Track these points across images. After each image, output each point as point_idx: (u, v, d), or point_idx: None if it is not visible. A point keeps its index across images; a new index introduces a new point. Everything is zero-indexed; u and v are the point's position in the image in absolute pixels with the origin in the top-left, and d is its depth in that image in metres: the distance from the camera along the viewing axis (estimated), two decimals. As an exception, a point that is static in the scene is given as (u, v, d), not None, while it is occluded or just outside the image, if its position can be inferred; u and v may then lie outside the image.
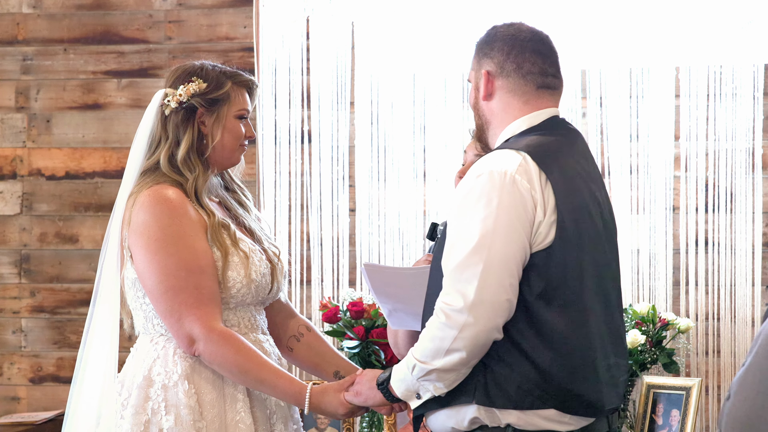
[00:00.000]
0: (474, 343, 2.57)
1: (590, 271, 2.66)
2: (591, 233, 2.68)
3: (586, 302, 2.64)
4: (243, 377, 2.88)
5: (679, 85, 4.71)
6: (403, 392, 2.70)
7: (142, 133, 3.00)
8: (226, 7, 4.98)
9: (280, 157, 4.88)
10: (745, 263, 4.66)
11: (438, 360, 2.59)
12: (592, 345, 2.64)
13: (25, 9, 5.07)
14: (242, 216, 3.06)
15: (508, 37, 2.76)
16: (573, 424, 2.65)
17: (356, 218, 4.85)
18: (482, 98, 2.77)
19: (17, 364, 5.06)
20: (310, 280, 4.86)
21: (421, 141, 4.82)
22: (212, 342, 2.85)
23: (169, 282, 2.85)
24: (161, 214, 2.87)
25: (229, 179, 3.12)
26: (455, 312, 2.56)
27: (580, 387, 2.62)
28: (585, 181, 2.71)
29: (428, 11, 4.79)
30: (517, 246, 2.58)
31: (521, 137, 2.72)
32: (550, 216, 2.61)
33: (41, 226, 5.05)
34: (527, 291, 2.60)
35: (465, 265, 2.57)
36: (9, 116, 5.07)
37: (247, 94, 3.03)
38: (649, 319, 4.36)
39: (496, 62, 2.75)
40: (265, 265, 2.97)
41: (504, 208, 2.58)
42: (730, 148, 4.69)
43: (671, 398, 4.21)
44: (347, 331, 4.45)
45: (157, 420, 2.85)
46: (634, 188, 4.71)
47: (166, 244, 2.85)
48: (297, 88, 4.88)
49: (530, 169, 2.62)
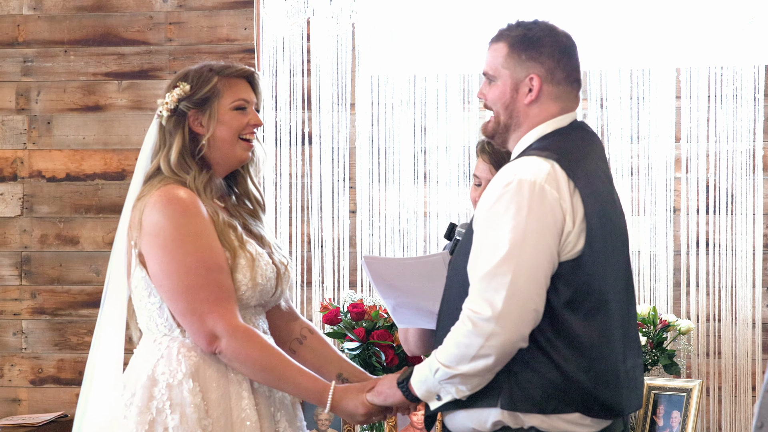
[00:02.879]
0: (501, 352, 2.58)
1: (613, 276, 2.68)
2: (614, 238, 2.70)
3: (610, 308, 2.66)
4: (265, 374, 2.88)
5: (680, 86, 4.70)
6: (424, 393, 2.71)
7: (148, 143, 3.03)
8: (227, 8, 4.98)
9: (281, 159, 4.88)
10: (745, 264, 4.66)
11: (463, 365, 2.61)
12: (615, 350, 2.66)
13: (25, 11, 5.07)
14: (251, 224, 3.05)
15: (555, 42, 2.73)
16: (594, 426, 2.66)
17: (357, 220, 4.85)
18: (526, 102, 2.72)
19: (18, 365, 5.06)
20: (310, 281, 4.86)
21: (421, 142, 4.82)
22: (236, 339, 2.84)
23: (190, 280, 2.84)
24: (174, 213, 2.86)
25: (243, 191, 3.09)
26: (483, 321, 2.57)
27: (604, 392, 2.64)
28: (605, 184, 2.72)
29: (429, 12, 4.79)
30: (546, 256, 2.58)
31: (546, 141, 2.70)
32: (579, 225, 2.61)
33: (42, 228, 5.05)
34: (554, 299, 2.61)
35: (493, 274, 2.57)
36: (9, 118, 5.07)
37: (248, 84, 3.04)
38: (650, 320, 4.36)
39: (547, 68, 2.71)
40: (271, 269, 2.96)
41: (533, 218, 2.58)
42: (731, 149, 4.68)
43: (672, 400, 4.20)
44: (348, 332, 4.44)
45: (162, 419, 2.84)
46: (635, 189, 4.71)
47: (184, 243, 2.85)
48: (297, 90, 4.88)
49: (559, 178, 2.61)
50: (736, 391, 4.65)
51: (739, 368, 4.65)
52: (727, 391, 4.66)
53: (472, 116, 4.79)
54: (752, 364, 4.65)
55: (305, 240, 4.87)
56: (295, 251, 4.86)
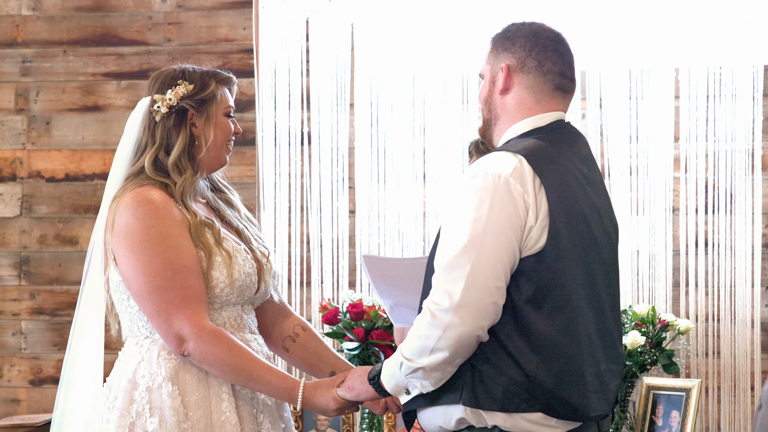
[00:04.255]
0: (458, 344, 2.57)
1: (582, 278, 2.66)
2: (585, 239, 2.67)
3: (575, 308, 2.63)
4: (234, 375, 2.88)
5: (679, 86, 4.71)
6: (393, 387, 2.71)
7: (127, 141, 3.01)
8: (226, 8, 4.98)
9: (280, 159, 4.88)
10: (744, 264, 4.66)
11: (423, 358, 2.60)
12: (581, 351, 2.64)
13: (24, 11, 5.07)
14: (230, 216, 3.06)
15: (531, 33, 2.76)
16: (559, 427, 2.64)
17: (356, 220, 4.85)
18: (499, 92, 2.75)
19: (17, 366, 5.06)
20: (309, 281, 4.86)
21: (420, 142, 4.82)
22: (203, 340, 2.84)
23: (156, 282, 2.84)
24: (144, 215, 2.87)
25: (215, 180, 3.12)
26: (441, 311, 2.57)
27: (566, 392, 2.62)
28: (583, 186, 2.70)
29: (428, 13, 4.79)
30: (506, 249, 2.58)
31: (522, 139, 2.71)
32: (542, 221, 2.61)
33: (41, 228, 5.06)
34: (516, 295, 2.60)
35: (453, 265, 2.57)
36: (8, 118, 5.07)
37: (228, 92, 3.05)
38: (648, 320, 4.36)
39: (518, 57, 2.74)
40: (250, 264, 2.96)
41: (495, 210, 2.58)
42: (730, 149, 4.69)
43: (671, 399, 4.21)
44: (347, 332, 4.45)
45: (141, 422, 2.85)
46: (634, 189, 4.71)
47: (150, 245, 2.85)
48: (297, 90, 4.88)
49: (525, 173, 2.62)
50: (735, 390, 4.66)
51: (738, 368, 4.65)
52: (726, 390, 4.66)
53: (470, 116, 4.79)
54: (751, 364, 4.65)
55: (304, 240, 4.87)
56: (294, 251, 4.86)
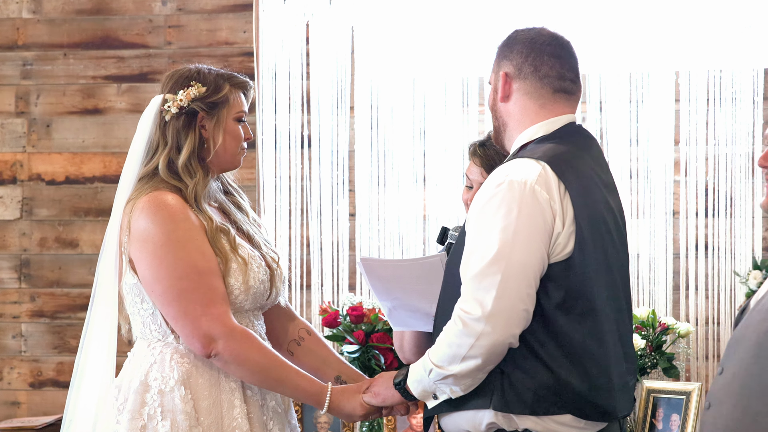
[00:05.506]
0: (490, 352, 2.60)
1: (606, 280, 2.69)
2: (607, 242, 2.71)
3: (602, 311, 2.67)
4: (262, 376, 2.87)
5: (679, 89, 4.71)
6: (420, 392, 2.73)
7: (140, 139, 2.98)
8: (226, 12, 4.99)
9: (280, 162, 4.88)
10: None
11: (454, 366, 2.63)
12: (607, 353, 2.67)
13: (25, 14, 5.07)
14: (241, 221, 3.05)
15: (528, 40, 2.78)
16: (588, 428, 2.68)
17: (356, 223, 4.85)
18: (500, 100, 2.78)
19: (17, 368, 5.06)
20: (310, 284, 4.86)
21: (420, 145, 4.83)
22: (234, 339, 2.83)
23: (182, 285, 2.83)
24: (163, 219, 2.85)
25: (226, 182, 3.12)
26: (473, 320, 2.59)
27: (596, 395, 2.66)
28: (600, 188, 2.74)
29: (428, 16, 4.79)
30: (536, 257, 2.60)
31: (539, 144, 2.73)
32: (568, 227, 2.63)
33: (41, 231, 5.06)
34: (545, 301, 2.63)
35: (484, 274, 2.59)
36: (9, 121, 5.08)
37: (243, 96, 3.03)
38: (649, 323, 4.36)
39: (515, 64, 2.77)
40: (264, 271, 2.95)
41: (523, 218, 2.60)
42: (730, 152, 4.69)
43: (671, 403, 4.21)
44: (347, 335, 4.45)
45: (153, 425, 2.84)
46: (634, 193, 4.72)
47: (173, 248, 2.84)
48: (297, 93, 4.88)
49: (549, 180, 2.64)
50: (735, 394, 4.65)
51: (738, 371, 4.65)
52: (726, 394, 4.66)
53: (470, 119, 4.79)
54: (751, 367, 4.65)
55: (305, 243, 4.87)
56: (294, 254, 4.86)
